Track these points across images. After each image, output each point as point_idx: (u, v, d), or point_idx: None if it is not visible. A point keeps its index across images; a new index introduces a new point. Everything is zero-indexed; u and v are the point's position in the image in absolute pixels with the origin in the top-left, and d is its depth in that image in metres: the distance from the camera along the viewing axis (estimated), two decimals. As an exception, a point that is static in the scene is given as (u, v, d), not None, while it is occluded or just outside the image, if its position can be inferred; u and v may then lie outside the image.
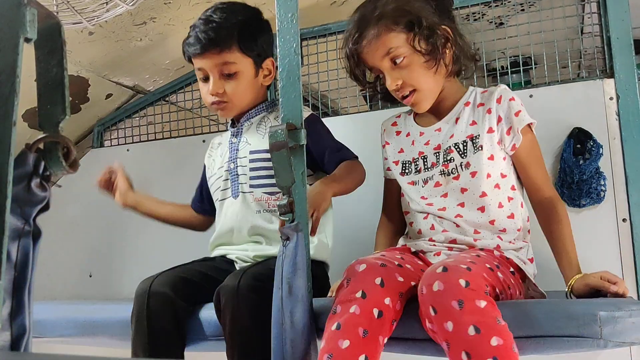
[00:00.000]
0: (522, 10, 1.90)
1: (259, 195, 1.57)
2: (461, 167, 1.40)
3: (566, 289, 1.29)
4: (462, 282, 1.06)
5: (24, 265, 0.67)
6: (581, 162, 1.72)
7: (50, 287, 2.28)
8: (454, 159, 1.41)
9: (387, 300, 1.15)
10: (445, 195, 1.41)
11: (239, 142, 1.64)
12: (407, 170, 1.49)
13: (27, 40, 0.66)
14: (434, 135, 1.47)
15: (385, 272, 1.19)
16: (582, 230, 1.46)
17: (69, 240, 2.35)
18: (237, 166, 1.61)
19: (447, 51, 1.41)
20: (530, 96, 1.80)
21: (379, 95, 1.56)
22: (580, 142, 1.74)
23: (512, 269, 1.31)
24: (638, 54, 1.76)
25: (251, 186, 1.58)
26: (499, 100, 1.41)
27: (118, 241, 2.31)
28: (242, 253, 1.57)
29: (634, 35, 1.71)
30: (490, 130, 1.40)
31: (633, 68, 1.69)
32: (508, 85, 1.92)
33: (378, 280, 1.16)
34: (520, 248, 1.39)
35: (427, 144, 1.47)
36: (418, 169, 1.47)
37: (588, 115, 1.74)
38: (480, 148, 1.39)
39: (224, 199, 1.63)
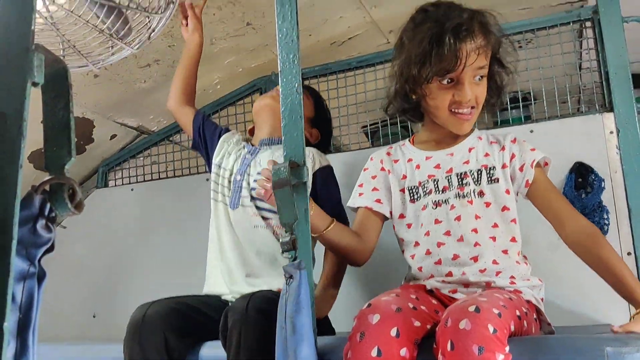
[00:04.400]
0: (520, 47, 1.93)
1: (260, 212, 1.63)
2: (474, 194, 1.40)
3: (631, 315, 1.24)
4: (490, 328, 1.04)
5: (28, 306, 0.67)
6: (583, 195, 1.72)
7: (54, 328, 2.26)
8: (469, 184, 1.41)
9: (403, 352, 1.12)
10: (458, 217, 1.39)
11: (252, 159, 1.71)
12: (415, 196, 1.46)
13: (35, 84, 0.66)
14: (446, 159, 1.46)
15: (401, 319, 1.15)
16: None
17: (73, 281, 2.35)
18: (242, 180, 1.68)
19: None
20: (531, 131, 1.82)
21: (404, 105, 1.49)
22: (581, 176, 1.74)
23: (535, 316, 1.30)
24: (636, 88, 1.78)
25: (253, 198, 1.64)
26: (513, 141, 1.45)
27: (122, 281, 2.30)
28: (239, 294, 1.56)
29: (632, 70, 1.73)
30: (505, 166, 1.42)
31: (632, 102, 1.71)
32: (508, 121, 1.95)
33: (394, 332, 1.12)
34: (535, 286, 1.38)
35: (437, 167, 1.46)
36: (427, 191, 1.44)
37: (589, 149, 1.75)
38: (496, 181, 1.40)
39: (220, 202, 1.70)
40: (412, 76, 1.38)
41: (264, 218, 1.63)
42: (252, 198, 1.64)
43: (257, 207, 1.64)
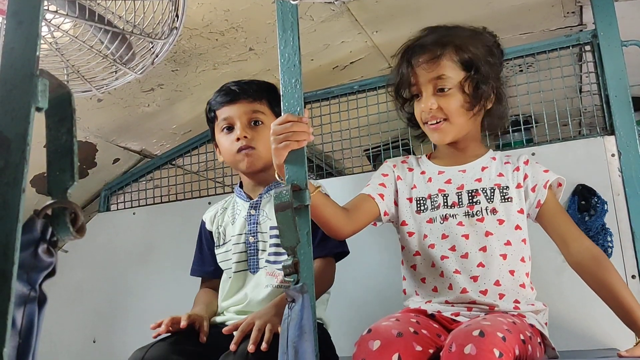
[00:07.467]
0: (521, 71, 1.94)
1: (272, 270, 1.56)
2: (487, 211, 1.40)
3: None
4: (496, 353, 1.04)
5: (28, 332, 0.66)
6: (587, 218, 1.72)
7: (54, 353, 2.25)
8: (480, 202, 1.41)
9: None
10: (466, 236, 1.39)
11: (258, 214, 1.63)
12: (422, 207, 1.46)
13: (39, 109, 0.67)
14: (457, 175, 1.47)
15: (402, 344, 1.14)
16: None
17: (73, 306, 2.33)
18: (257, 241, 1.60)
19: (488, 104, 1.46)
20: (533, 154, 1.82)
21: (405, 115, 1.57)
22: (584, 199, 1.74)
23: (539, 340, 1.30)
24: (637, 111, 1.78)
25: (267, 261, 1.57)
26: (526, 162, 1.47)
27: (123, 306, 2.29)
28: None
29: (632, 93, 1.74)
30: (519, 186, 1.43)
31: (633, 125, 1.71)
32: (510, 144, 1.95)
33: (395, 358, 1.12)
34: (539, 311, 1.37)
35: (448, 182, 1.46)
36: (436, 205, 1.44)
37: (591, 172, 1.75)
38: (510, 199, 1.41)
39: (240, 271, 1.61)
40: (395, 98, 1.53)
41: (277, 277, 1.55)
42: (269, 254, 1.57)
43: (272, 263, 1.57)
